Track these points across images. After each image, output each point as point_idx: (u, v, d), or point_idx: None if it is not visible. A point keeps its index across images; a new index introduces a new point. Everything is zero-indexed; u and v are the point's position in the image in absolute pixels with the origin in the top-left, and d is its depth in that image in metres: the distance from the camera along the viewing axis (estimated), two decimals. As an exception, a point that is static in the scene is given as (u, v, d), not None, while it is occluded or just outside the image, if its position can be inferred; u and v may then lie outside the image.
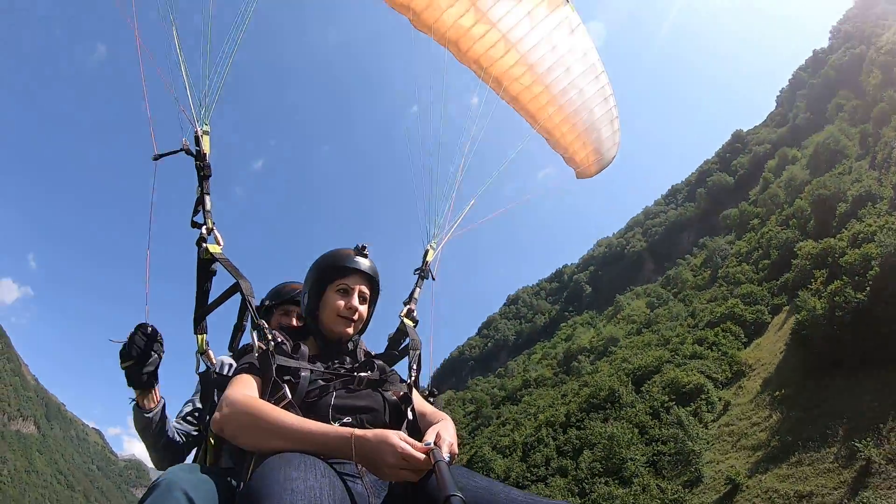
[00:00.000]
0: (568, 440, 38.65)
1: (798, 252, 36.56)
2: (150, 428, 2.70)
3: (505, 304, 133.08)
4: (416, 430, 2.27)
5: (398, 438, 1.82)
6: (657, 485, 28.79)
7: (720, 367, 36.14)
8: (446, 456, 1.84)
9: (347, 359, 2.49)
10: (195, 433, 3.02)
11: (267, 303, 3.47)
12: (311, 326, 2.53)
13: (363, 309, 2.52)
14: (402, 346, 3.11)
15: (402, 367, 2.92)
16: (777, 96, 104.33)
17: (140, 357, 2.49)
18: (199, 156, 2.98)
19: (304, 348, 2.41)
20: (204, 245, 2.76)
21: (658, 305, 65.77)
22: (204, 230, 2.82)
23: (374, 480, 2.03)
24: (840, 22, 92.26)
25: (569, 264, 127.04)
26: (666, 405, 34.18)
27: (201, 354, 2.86)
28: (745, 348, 38.04)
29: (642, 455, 31.38)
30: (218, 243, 2.82)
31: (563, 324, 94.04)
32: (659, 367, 39.59)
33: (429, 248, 3.90)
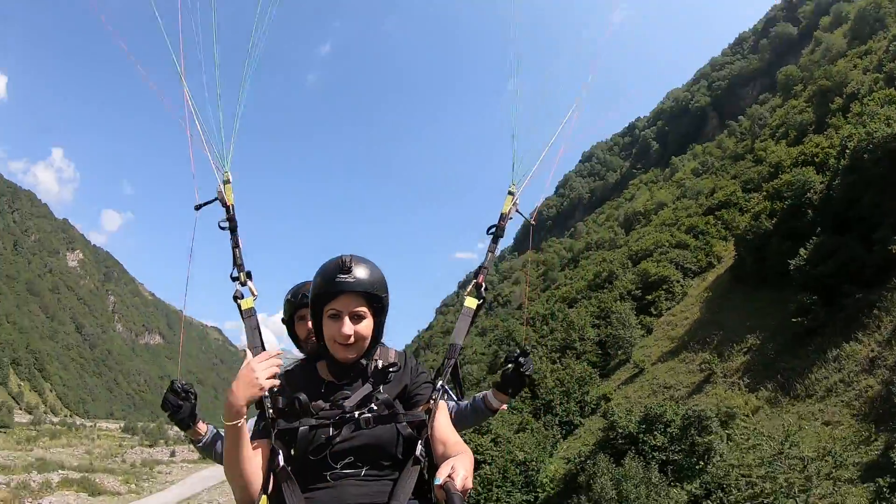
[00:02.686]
0: (565, 316, 42.67)
1: (762, 155, 36.17)
2: (209, 453, 2.97)
3: (580, 161, 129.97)
4: (432, 464, 2.15)
5: None
6: (591, 362, 34.17)
7: (697, 257, 38.26)
8: (459, 488, 1.72)
9: (360, 381, 2.31)
10: None
11: (284, 318, 3.23)
12: (322, 350, 2.37)
13: (361, 328, 2.24)
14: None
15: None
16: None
17: (174, 409, 2.69)
18: (225, 207, 2.89)
19: (304, 398, 2.20)
20: (238, 302, 2.75)
21: (702, 172, 63.46)
22: (238, 285, 2.76)
23: None
24: None
25: (641, 117, 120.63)
26: (632, 293, 38.16)
27: None
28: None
29: (596, 336, 36.44)
30: (253, 294, 2.78)
31: (632, 182, 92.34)
32: (654, 250, 42.36)
33: (508, 193, 3.05)
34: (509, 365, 2.77)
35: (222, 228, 2.89)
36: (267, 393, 2.22)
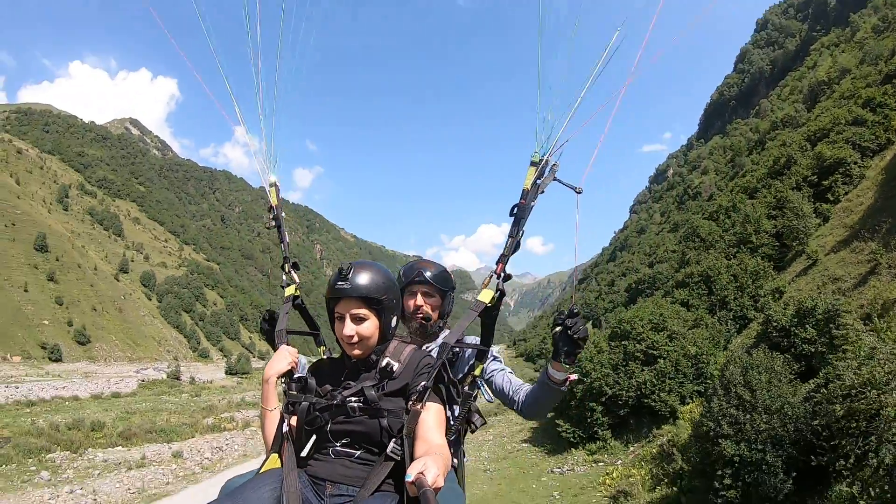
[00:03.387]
0: (741, 210, 42.41)
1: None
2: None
3: (755, 31, 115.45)
4: (401, 465, 2.25)
5: None
6: (767, 255, 35.33)
7: (876, 133, 36.26)
8: (430, 483, 1.77)
9: (371, 374, 2.54)
10: None
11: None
12: (340, 346, 2.64)
13: (363, 328, 2.49)
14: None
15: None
16: None
17: (266, 333, 3.10)
18: (270, 208, 3.35)
19: (312, 381, 2.56)
20: (283, 289, 3.18)
21: (883, 29, 54.90)
22: (284, 276, 3.21)
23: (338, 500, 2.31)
24: None
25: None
26: (808, 179, 37.72)
27: None
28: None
29: (773, 227, 36.86)
30: (295, 282, 3.20)
31: (812, 47, 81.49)
32: (830, 129, 40.22)
33: (531, 164, 2.70)
34: (557, 328, 2.68)
35: (268, 228, 3.27)
36: (284, 377, 2.64)
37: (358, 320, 2.49)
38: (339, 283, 2.48)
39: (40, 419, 38.59)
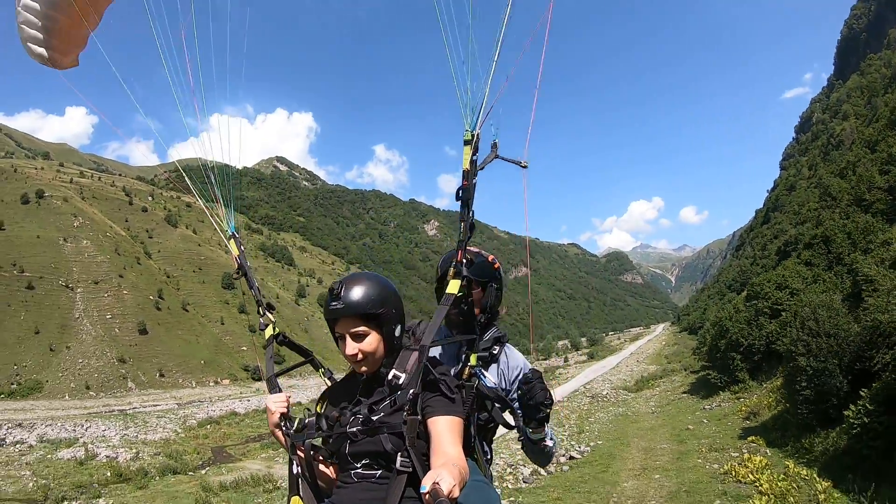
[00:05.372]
0: (866, 159, 44.31)
1: None
2: None
3: None
4: (415, 477, 2.17)
5: None
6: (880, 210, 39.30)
7: None
8: (445, 493, 1.75)
9: (383, 389, 2.43)
10: None
11: (436, 283, 3.12)
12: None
13: (365, 345, 2.41)
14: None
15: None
16: None
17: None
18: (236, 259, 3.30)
19: (312, 420, 2.54)
20: (261, 332, 3.18)
21: None
22: (261, 319, 3.20)
23: None
24: None
25: None
26: None
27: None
28: None
29: (885, 182, 39.33)
30: (272, 322, 3.21)
31: None
32: None
33: (465, 143, 2.59)
34: (519, 390, 2.71)
35: (235, 279, 3.33)
36: (281, 421, 2.61)
37: (358, 338, 2.41)
38: (333, 303, 2.39)
39: (282, 421, 48.80)
